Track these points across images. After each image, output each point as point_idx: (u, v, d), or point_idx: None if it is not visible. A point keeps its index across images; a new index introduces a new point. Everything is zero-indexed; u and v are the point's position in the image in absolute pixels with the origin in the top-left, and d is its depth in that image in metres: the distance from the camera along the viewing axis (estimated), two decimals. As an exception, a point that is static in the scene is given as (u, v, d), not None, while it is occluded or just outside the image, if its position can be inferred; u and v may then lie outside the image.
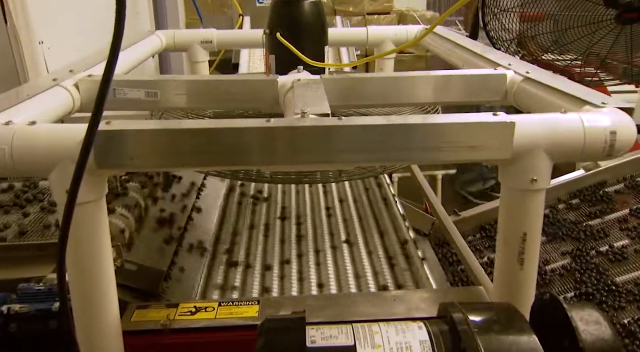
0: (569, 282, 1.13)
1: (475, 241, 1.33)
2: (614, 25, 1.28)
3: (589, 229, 1.24)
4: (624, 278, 1.10)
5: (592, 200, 1.34)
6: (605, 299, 1.05)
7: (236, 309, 0.65)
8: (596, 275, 1.12)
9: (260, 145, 0.54)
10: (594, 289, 1.09)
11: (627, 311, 1.01)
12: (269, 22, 0.93)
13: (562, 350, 0.46)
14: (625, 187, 1.36)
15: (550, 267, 1.18)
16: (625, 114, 0.59)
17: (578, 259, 1.18)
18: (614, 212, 1.28)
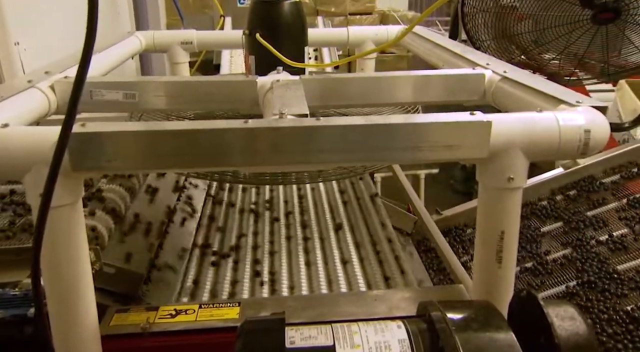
0: (570, 271, 1.15)
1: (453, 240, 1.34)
2: (589, 25, 1.30)
3: (587, 219, 1.26)
4: (625, 266, 1.11)
5: (589, 190, 1.37)
6: (607, 287, 1.07)
7: (217, 311, 0.65)
8: (597, 263, 1.13)
9: (238, 146, 0.54)
10: (595, 277, 1.10)
11: (630, 298, 1.03)
12: (248, 22, 0.93)
13: (538, 345, 0.47)
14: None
15: (551, 257, 1.20)
16: (599, 113, 0.60)
17: (578, 248, 1.19)
18: (612, 202, 1.30)
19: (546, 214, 1.33)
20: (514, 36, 1.50)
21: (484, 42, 1.54)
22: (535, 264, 1.18)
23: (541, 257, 1.20)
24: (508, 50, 1.55)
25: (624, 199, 1.28)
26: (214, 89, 0.83)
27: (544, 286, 1.14)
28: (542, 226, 1.30)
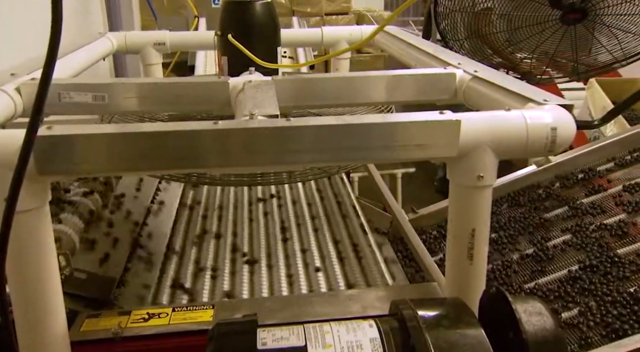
0: (571, 257, 1.17)
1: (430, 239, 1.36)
2: (559, 25, 1.32)
3: (584, 206, 1.29)
4: (625, 250, 1.14)
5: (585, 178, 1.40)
6: (609, 270, 1.09)
7: (190, 314, 0.64)
8: (597, 248, 1.16)
9: (208, 147, 0.53)
10: (597, 261, 1.12)
11: (632, 280, 1.06)
12: (220, 23, 0.93)
13: (507, 341, 0.48)
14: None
15: (552, 243, 1.22)
16: (565, 111, 0.61)
17: (578, 234, 1.22)
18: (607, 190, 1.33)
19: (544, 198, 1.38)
20: (488, 36, 1.52)
21: (457, 42, 1.55)
22: (536, 251, 1.21)
23: (541, 244, 1.22)
24: (481, 49, 1.57)
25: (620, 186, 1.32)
26: (185, 90, 0.82)
27: (546, 271, 1.16)
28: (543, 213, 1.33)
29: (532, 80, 1.59)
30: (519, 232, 1.29)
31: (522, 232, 1.29)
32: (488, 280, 1.16)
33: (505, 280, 1.18)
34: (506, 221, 1.35)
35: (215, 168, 0.57)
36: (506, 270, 1.20)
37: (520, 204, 1.39)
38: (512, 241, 1.28)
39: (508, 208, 1.40)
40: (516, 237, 1.29)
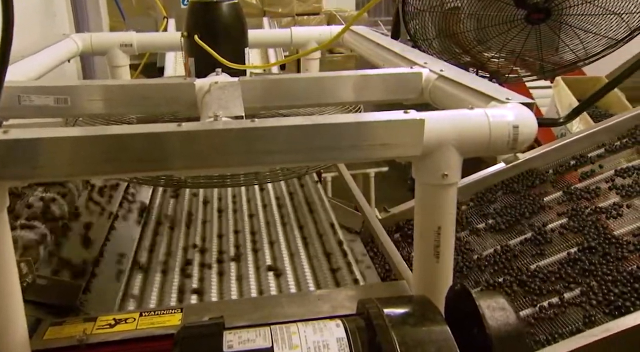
0: (569, 239, 1.21)
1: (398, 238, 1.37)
2: (524, 24, 1.34)
3: (578, 191, 1.33)
4: (622, 231, 1.18)
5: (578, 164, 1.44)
6: (607, 251, 1.13)
7: (158, 318, 0.63)
8: (595, 230, 1.19)
9: (172, 149, 0.53)
10: (595, 243, 1.16)
11: (631, 260, 1.10)
12: (186, 24, 0.92)
13: (472, 336, 0.48)
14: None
15: (549, 227, 1.25)
16: (527, 109, 0.62)
17: (574, 217, 1.25)
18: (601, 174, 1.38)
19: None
20: (456, 35, 1.54)
21: (425, 41, 1.57)
22: (534, 235, 1.24)
23: (539, 228, 1.25)
24: (450, 49, 1.59)
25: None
26: (151, 92, 0.81)
27: (545, 254, 1.19)
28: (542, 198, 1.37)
29: (500, 79, 1.62)
30: (516, 218, 1.32)
31: (519, 217, 1.32)
32: (488, 264, 1.22)
33: (506, 264, 1.21)
34: (502, 207, 1.38)
35: (180, 170, 0.56)
36: (506, 254, 1.24)
37: (515, 190, 1.42)
38: (510, 226, 1.31)
39: (503, 195, 1.44)
40: (513, 222, 1.32)
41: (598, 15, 1.26)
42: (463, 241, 1.33)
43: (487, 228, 1.33)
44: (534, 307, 1.08)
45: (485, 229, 1.34)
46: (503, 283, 1.16)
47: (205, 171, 0.65)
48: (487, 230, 1.33)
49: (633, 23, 1.22)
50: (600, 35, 1.28)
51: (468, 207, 1.44)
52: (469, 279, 1.22)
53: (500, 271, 1.20)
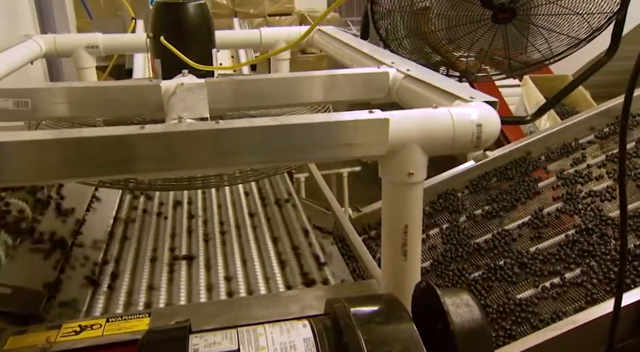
0: (566, 222, 1.25)
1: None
2: (491, 24, 1.36)
3: (571, 176, 1.36)
4: (618, 212, 1.21)
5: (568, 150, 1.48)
6: (604, 231, 1.17)
7: (125, 324, 0.62)
8: (590, 212, 1.23)
9: (135, 152, 0.52)
10: (592, 224, 1.19)
11: (628, 239, 1.13)
12: (152, 25, 0.91)
13: (437, 333, 0.49)
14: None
15: (546, 211, 1.28)
16: (490, 107, 0.63)
17: (570, 201, 1.28)
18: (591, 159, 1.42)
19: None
20: (427, 34, 1.55)
21: (395, 40, 1.58)
22: (532, 219, 1.27)
23: (536, 212, 1.29)
24: (421, 48, 1.61)
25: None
26: (116, 95, 0.80)
27: (544, 236, 1.23)
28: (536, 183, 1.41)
29: (470, 77, 1.64)
30: (512, 204, 1.35)
31: (515, 203, 1.35)
32: (488, 249, 1.24)
33: (505, 247, 1.24)
34: (498, 193, 1.40)
35: (144, 173, 0.55)
36: (505, 238, 1.26)
37: (510, 177, 1.45)
38: (507, 211, 1.34)
39: (497, 182, 1.47)
40: (510, 208, 1.34)
41: (562, 15, 1.29)
42: (461, 227, 1.36)
43: (483, 214, 1.37)
44: (536, 287, 1.11)
45: (482, 214, 1.37)
46: (504, 266, 1.19)
47: (169, 174, 0.65)
48: (484, 216, 1.36)
49: (594, 23, 1.25)
50: (564, 34, 1.31)
51: (463, 194, 1.47)
52: (469, 264, 1.25)
53: (500, 255, 1.23)
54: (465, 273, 1.22)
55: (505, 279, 1.17)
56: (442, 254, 1.30)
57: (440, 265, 1.27)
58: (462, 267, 1.24)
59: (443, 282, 1.22)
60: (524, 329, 1.04)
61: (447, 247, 1.32)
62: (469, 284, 1.19)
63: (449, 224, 1.38)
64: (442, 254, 1.30)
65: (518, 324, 1.05)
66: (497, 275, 1.18)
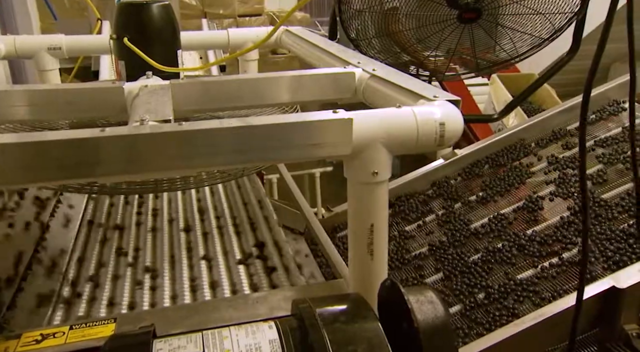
0: (560, 205, 1.28)
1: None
2: (457, 23, 1.38)
3: (562, 161, 1.40)
4: (609, 194, 1.26)
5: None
6: (598, 212, 1.20)
7: (89, 331, 0.61)
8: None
9: (94, 156, 0.51)
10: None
11: (621, 219, 1.18)
12: (115, 26, 0.89)
13: (402, 331, 0.49)
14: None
15: (539, 195, 1.31)
16: (454, 106, 0.64)
17: (563, 185, 1.32)
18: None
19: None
20: (396, 34, 1.56)
21: (365, 40, 1.59)
22: (526, 203, 1.30)
23: (530, 196, 1.32)
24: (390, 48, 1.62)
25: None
26: (79, 97, 0.79)
27: (540, 219, 1.26)
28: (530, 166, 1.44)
29: (438, 76, 1.66)
30: (506, 189, 1.38)
31: (509, 188, 1.38)
32: (485, 233, 1.27)
33: (502, 231, 1.27)
34: (491, 180, 1.43)
35: (105, 177, 0.55)
36: (501, 222, 1.29)
37: (502, 163, 1.49)
38: (501, 197, 1.37)
39: (490, 169, 1.50)
40: (503, 193, 1.37)
41: (525, 15, 1.32)
42: (457, 213, 1.38)
43: (478, 200, 1.40)
44: (535, 268, 1.14)
45: (477, 200, 1.40)
46: (502, 248, 1.21)
47: (132, 177, 0.64)
48: (478, 202, 1.39)
49: (556, 23, 1.28)
50: (528, 34, 1.34)
51: (456, 181, 1.50)
52: (468, 248, 1.27)
53: (497, 238, 1.26)
54: (464, 257, 1.24)
55: (505, 261, 1.19)
56: (439, 239, 1.33)
57: (438, 250, 1.29)
58: (460, 251, 1.26)
59: (443, 266, 1.24)
60: (527, 307, 1.07)
61: (444, 232, 1.34)
62: (469, 266, 1.21)
63: (445, 211, 1.40)
64: (440, 239, 1.33)
65: (520, 302, 1.08)
66: (497, 257, 1.21)
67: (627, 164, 1.32)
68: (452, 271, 1.21)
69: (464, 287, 1.16)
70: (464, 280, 1.18)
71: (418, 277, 1.23)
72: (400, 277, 1.24)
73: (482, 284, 1.15)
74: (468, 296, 1.14)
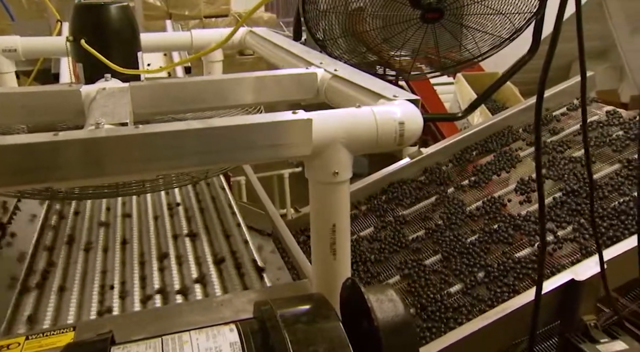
0: (552, 186, 1.31)
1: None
2: (420, 23, 1.40)
3: (551, 145, 1.44)
4: (599, 175, 1.30)
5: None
6: (589, 192, 1.20)
7: (47, 340, 0.60)
8: (573, 176, 1.30)
9: (47, 161, 0.50)
10: (577, 186, 1.27)
11: (611, 198, 1.22)
12: (72, 28, 0.87)
13: (364, 330, 0.49)
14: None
15: (531, 177, 1.35)
16: (413, 105, 0.64)
17: (553, 168, 1.35)
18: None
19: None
20: (361, 34, 1.57)
21: (331, 40, 1.59)
22: (518, 185, 1.34)
23: (522, 179, 1.36)
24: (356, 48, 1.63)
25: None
26: (35, 101, 0.77)
27: (533, 200, 1.30)
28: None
29: (404, 76, 1.68)
30: (496, 173, 1.42)
31: (499, 173, 1.42)
32: (480, 215, 1.29)
33: (497, 212, 1.30)
34: (482, 165, 1.47)
35: (60, 182, 0.53)
36: (495, 204, 1.32)
37: (491, 149, 1.53)
38: (492, 181, 1.41)
39: (479, 154, 1.54)
40: (494, 178, 1.41)
41: (486, 15, 1.34)
42: (451, 197, 1.40)
43: (471, 184, 1.43)
44: (532, 246, 1.17)
45: (470, 185, 1.43)
46: (498, 229, 1.24)
47: (89, 182, 0.62)
48: (471, 186, 1.42)
49: (516, 22, 1.30)
50: (489, 33, 1.36)
51: (448, 167, 1.53)
52: (464, 230, 1.29)
53: (493, 219, 1.29)
54: (462, 239, 1.26)
55: (502, 241, 1.22)
56: (435, 223, 1.34)
57: (435, 233, 1.31)
58: (457, 234, 1.28)
59: (441, 249, 1.25)
60: (527, 283, 1.09)
61: (439, 216, 1.37)
62: (467, 247, 1.23)
63: (439, 195, 1.43)
64: (436, 223, 1.34)
65: (520, 279, 1.10)
66: (493, 238, 1.23)
67: (613, 146, 1.37)
68: (451, 253, 1.23)
69: (463, 267, 1.18)
70: (463, 260, 1.20)
71: (417, 260, 1.25)
72: (399, 261, 1.25)
73: (481, 263, 1.17)
74: (468, 275, 1.15)
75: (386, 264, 1.27)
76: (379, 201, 1.47)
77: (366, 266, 1.27)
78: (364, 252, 1.30)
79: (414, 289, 1.15)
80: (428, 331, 1.04)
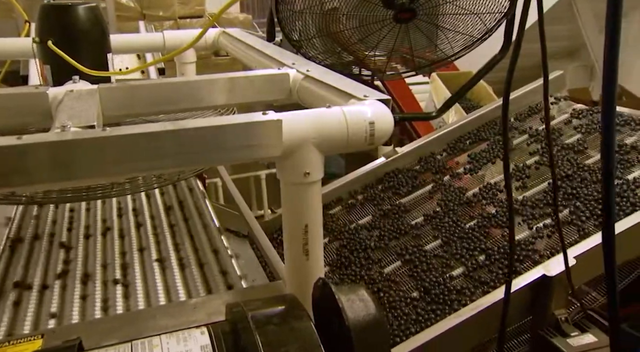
0: (546, 172, 1.32)
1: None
2: (394, 24, 1.40)
3: (543, 132, 1.45)
4: (591, 160, 1.31)
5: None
6: (583, 176, 1.26)
7: (13, 349, 0.58)
8: (567, 162, 1.32)
9: (10, 165, 0.49)
10: (571, 171, 1.29)
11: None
12: (38, 29, 0.86)
13: (336, 330, 0.49)
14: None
15: (525, 164, 1.36)
16: (383, 105, 0.65)
17: (546, 154, 1.36)
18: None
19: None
20: (336, 34, 1.57)
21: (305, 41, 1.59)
22: (513, 171, 1.35)
23: (517, 165, 1.37)
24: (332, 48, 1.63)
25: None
26: (1, 103, 0.75)
27: (529, 186, 1.31)
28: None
29: (379, 75, 1.68)
30: (490, 161, 1.43)
31: (493, 160, 1.43)
32: (477, 201, 1.30)
33: (494, 198, 1.31)
34: (476, 153, 1.48)
35: (24, 187, 0.52)
36: (492, 190, 1.33)
37: (484, 138, 1.54)
38: (487, 168, 1.42)
39: (473, 143, 1.55)
40: (489, 165, 1.42)
41: (458, 15, 1.35)
42: (447, 185, 1.41)
43: (466, 171, 1.44)
44: (531, 229, 1.18)
45: (465, 172, 1.44)
46: (496, 214, 1.25)
47: (51, 186, 0.61)
48: (467, 173, 1.43)
49: (487, 22, 1.32)
50: (461, 33, 1.37)
51: (442, 156, 1.54)
52: (462, 215, 1.30)
53: (490, 204, 1.29)
54: (460, 224, 1.27)
55: (500, 225, 1.22)
56: (434, 209, 1.35)
57: (434, 219, 1.31)
58: (456, 219, 1.29)
59: (440, 234, 1.26)
60: (527, 265, 1.09)
61: (437, 202, 1.37)
62: (466, 232, 1.24)
63: (435, 183, 1.44)
64: (434, 209, 1.35)
65: (521, 261, 1.11)
66: (492, 222, 1.24)
67: (602, 134, 1.40)
68: (451, 238, 1.23)
69: (464, 251, 1.18)
70: (463, 245, 1.20)
71: (418, 246, 1.25)
72: (400, 247, 1.25)
73: (481, 247, 1.18)
74: (469, 259, 1.16)
75: (387, 251, 1.27)
76: (376, 190, 1.49)
77: (366, 252, 1.26)
78: (364, 240, 1.30)
79: (416, 273, 1.16)
80: (433, 313, 1.05)
